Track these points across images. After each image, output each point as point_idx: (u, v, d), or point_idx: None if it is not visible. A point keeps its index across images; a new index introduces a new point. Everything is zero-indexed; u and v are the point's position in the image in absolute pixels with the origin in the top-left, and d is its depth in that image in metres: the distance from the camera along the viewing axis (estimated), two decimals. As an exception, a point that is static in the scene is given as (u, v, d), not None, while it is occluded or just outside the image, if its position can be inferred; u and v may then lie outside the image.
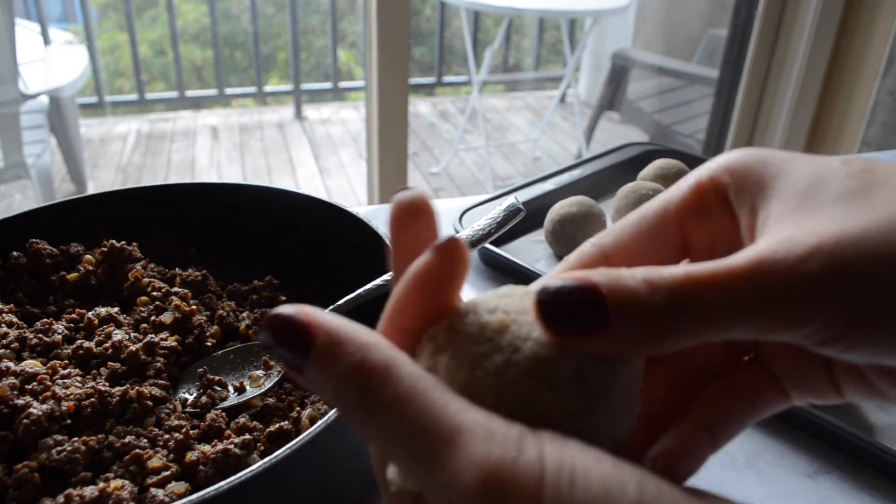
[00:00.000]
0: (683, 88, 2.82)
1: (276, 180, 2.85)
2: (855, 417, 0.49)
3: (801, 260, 0.18)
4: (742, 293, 0.18)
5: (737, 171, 0.23)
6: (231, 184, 0.57)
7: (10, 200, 2.21)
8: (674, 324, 0.18)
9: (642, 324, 0.18)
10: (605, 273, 0.19)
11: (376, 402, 0.17)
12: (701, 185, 0.23)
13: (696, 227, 0.23)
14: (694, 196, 0.23)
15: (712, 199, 0.23)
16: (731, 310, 0.18)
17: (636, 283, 0.19)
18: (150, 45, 3.45)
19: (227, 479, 0.30)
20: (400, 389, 0.17)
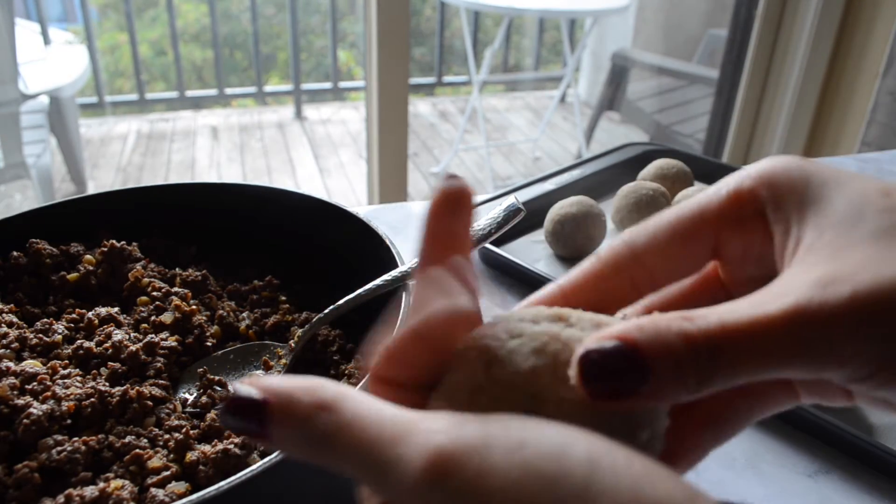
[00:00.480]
0: (683, 88, 2.82)
1: (276, 180, 2.85)
2: (855, 417, 0.49)
3: (835, 311, 0.18)
4: (778, 344, 0.19)
5: (777, 185, 0.22)
6: (231, 184, 0.57)
7: (10, 200, 2.21)
8: (711, 376, 0.19)
9: (682, 379, 0.19)
10: (643, 330, 0.19)
11: (331, 433, 0.18)
12: (740, 194, 0.23)
13: (729, 236, 0.23)
14: (731, 205, 0.23)
15: (749, 210, 0.23)
16: (768, 361, 0.19)
17: (674, 339, 0.19)
18: (150, 45, 3.45)
19: (227, 479, 0.30)
20: (349, 412, 0.18)
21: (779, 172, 0.22)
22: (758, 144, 2.16)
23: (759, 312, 0.19)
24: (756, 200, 0.23)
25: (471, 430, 0.17)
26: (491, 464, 0.16)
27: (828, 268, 0.19)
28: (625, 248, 0.24)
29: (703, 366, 0.19)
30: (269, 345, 0.48)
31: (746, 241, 0.23)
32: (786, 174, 0.22)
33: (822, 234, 0.20)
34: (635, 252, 0.24)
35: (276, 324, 0.51)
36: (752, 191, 0.23)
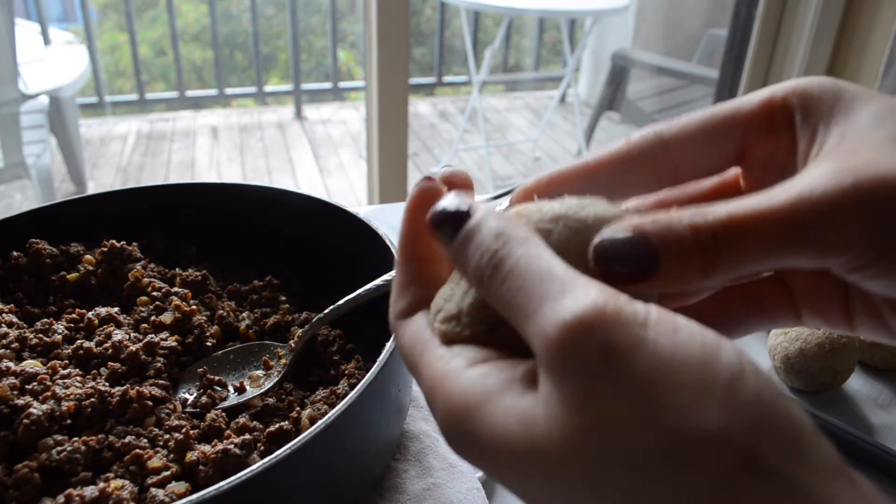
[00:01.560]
0: (683, 88, 2.82)
1: (276, 180, 2.84)
2: (855, 417, 0.49)
3: (837, 197, 0.19)
4: (780, 232, 0.19)
5: (809, 96, 0.23)
6: (231, 184, 0.57)
7: (10, 200, 2.21)
8: (717, 263, 0.20)
9: (689, 267, 0.20)
10: (655, 221, 0.20)
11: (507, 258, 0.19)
12: (773, 101, 0.24)
13: (756, 140, 0.24)
14: (763, 110, 0.24)
15: (779, 117, 0.24)
16: (771, 247, 0.20)
17: (683, 230, 0.20)
18: (150, 45, 3.45)
19: (227, 479, 0.30)
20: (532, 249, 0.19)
21: (812, 86, 0.23)
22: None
23: (765, 203, 0.20)
24: (787, 108, 0.23)
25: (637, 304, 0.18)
26: (647, 335, 0.17)
27: (837, 164, 0.20)
28: (654, 136, 0.24)
29: (709, 253, 0.20)
30: (269, 345, 0.48)
31: (773, 146, 0.24)
32: (819, 87, 0.23)
33: (842, 140, 0.21)
34: (664, 141, 0.24)
35: (276, 324, 0.51)
36: (784, 99, 0.23)
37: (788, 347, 0.51)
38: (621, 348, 0.17)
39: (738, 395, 0.16)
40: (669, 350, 0.17)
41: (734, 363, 0.17)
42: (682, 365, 0.16)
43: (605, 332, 0.17)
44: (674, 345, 0.17)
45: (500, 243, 0.20)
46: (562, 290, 0.18)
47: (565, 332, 0.17)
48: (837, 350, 0.50)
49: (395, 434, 0.45)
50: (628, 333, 0.17)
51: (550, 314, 0.18)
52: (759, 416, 0.16)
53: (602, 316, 0.17)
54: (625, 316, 0.17)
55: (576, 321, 0.17)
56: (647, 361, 0.16)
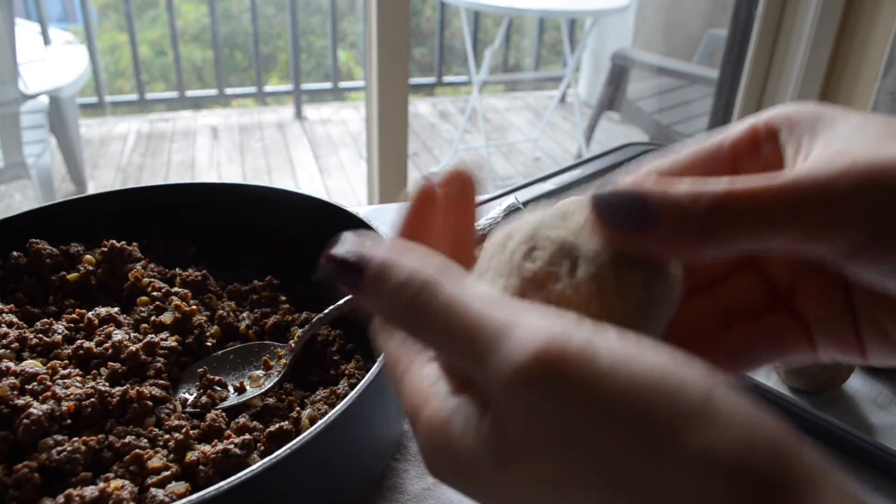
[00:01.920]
0: (683, 88, 2.82)
1: (276, 180, 2.84)
2: (855, 417, 0.49)
3: (833, 177, 0.19)
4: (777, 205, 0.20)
5: (791, 117, 0.24)
6: (231, 184, 0.57)
7: (10, 200, 2.21)
8: (713, 229, 0.20)
9: (684, 227, 0.20)
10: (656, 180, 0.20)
11: (430, 308, 0.19)
12: (756, 127, 0.24)
13: (745, 164, 0.24)
14: (748, 136, 0.24)
15: (764, 138, 0.24)
16: (766, 220, 0.20)
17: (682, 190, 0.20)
18: (150, 45, 3.45)
19: (227, 479, 0.30)
20: (446, 293, 0.19)
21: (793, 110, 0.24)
22: (758, 144, 2.16)
23: (764, 181, 0.20)
24: (771, 130, 0.24)
25: (584, 331, 0.17)
26: (604, 369, 0.16)
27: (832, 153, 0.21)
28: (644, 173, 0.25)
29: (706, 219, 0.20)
30: (269, 345, 0.48)
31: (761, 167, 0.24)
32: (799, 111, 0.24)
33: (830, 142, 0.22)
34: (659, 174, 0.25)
35: (276, 324, 0.51)
36: (767, 123, 0.24)
37: None
38: (573, 390, 0.16)
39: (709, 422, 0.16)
40: (625, 383, 0.16)
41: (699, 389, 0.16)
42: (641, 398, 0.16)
43: (555, 376, 0.16)
44: (629, 378, 0.16)
45: (414, 290, 0.19)
46: (503, 331, 0.17)
47: (515, 379, 0.17)
48: None
49: (395, 434, 0.45)
50: (580, 371, 0.16)
51: (498, 360, 0.17)
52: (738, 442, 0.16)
53: (551, 356, 0.17)
54: (574, 351, 0.17)
55: (523, 368, 0.17)
56: (601, 398, 0.16)
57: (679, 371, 0.17)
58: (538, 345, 0.17)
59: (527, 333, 0.17)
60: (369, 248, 0.20)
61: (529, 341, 0.17)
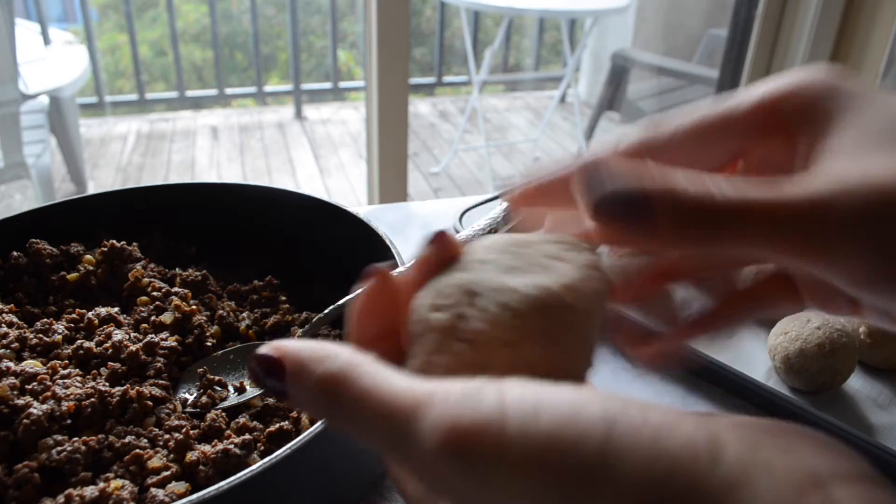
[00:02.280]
0: (683, 88, 2.82)
1: (276, 180, 2.84)
2: (855, 417, 0.49)
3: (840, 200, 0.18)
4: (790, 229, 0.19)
5: (805, 96, 0.22)
6: (231, 184, 0.57)
7: (10, 200, 2.21)
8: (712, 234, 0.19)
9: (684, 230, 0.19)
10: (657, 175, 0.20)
11: (342, 406, 0.19)
12: (766, 103, 0.22)
13: (752, 144, 0.23)
14: (756, 112, 0.22)
15: (774, 119, 0.22)
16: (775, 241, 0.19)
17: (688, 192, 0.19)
18: (150, 45, 3.45)
19: (227, 479, 0.30)
20: (355, 389, 0.18)
21: (807, 84, 0.22)
22: (758, 144, 2.16)
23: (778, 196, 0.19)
24: (782, 110, 0.22)
25: (487, 400, 0.17)
26: (509, 436, 0.16)
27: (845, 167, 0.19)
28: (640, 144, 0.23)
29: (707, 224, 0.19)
30: (269, 345, 0.48)
31: (769, 149, 0.23)
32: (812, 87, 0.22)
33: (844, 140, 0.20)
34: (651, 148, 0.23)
35: (276, 324, 0.51)
36: (778, 100, 0.22)
37: (788, 347, 0.51)
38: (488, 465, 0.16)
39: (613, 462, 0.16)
40: (536, 442, 0.16)
41: (595, 431, 0.16)
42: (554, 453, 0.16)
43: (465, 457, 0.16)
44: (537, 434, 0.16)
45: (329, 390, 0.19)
46: (413, 417, 0.17)
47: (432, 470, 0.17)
48: (837, 350, 0.50)
49: (395, 434, 0.45)
50: (492, 443, 0.16)
51: (415, 451, 0.17)
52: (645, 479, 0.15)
53: (461, 436, 0.17)
54: (481, 423, 0.16)
55: (440, 453, 0.17)
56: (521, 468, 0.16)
57: (577, 420, 0.16)
58: (443, 429, 0.17)
59: (431, 421, 0.17)
60: (287, 346, 0.20)
61: (434, 425, 0.17)
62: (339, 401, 0.19)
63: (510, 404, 0.17)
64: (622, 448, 0.16)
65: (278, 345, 0.20)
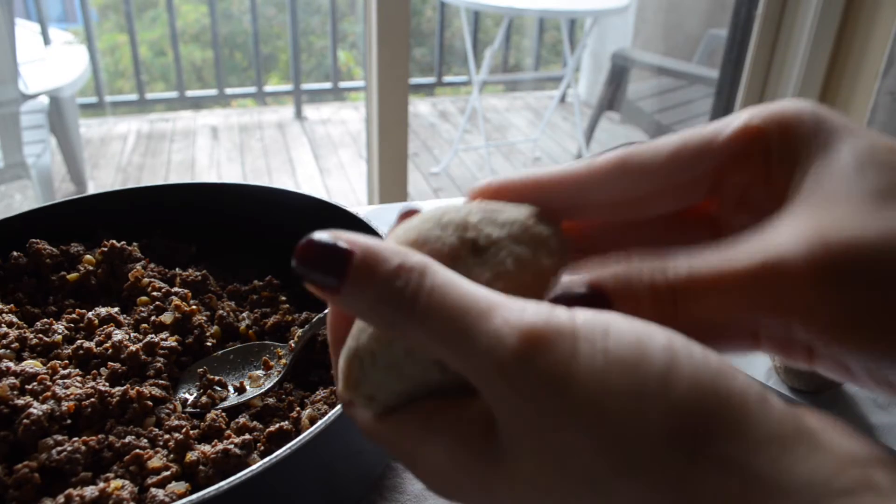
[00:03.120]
0: (683, 88, 2.82)
1: (276, 180, 2.84)
2: (855, 417, 0.49)
3: (804, 269, 0.18)
4: (741, 294, 0.19)
5: (787, 127, 0.22)
6: (231, 184, 0.57)
7: (10, 200, 2.21)
8: (675, 319, 0.20)
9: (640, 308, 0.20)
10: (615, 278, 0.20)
11: (416, 301, 0.18)
12: (749, 130, 0.22)
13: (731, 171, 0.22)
14: (739, 138, 0.22)
15: (756, 148, 0.22)
16: (728, 308, 0.20)
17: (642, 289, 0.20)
18: (150, 45, 3.45)
19: (227, 479, 0.30)
20: (439, 278, 0.19)
21: (790, 115, 0.22)
22: (758, 144, 2.16)
23: (728, 264, 0.19)
24: (764, 139, 0.22)
25: (562, 314, 0.18)
26: (578, 348, 0.17)
27: (809, 222, 0.19)
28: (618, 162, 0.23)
29: (667, 309, 0.20)
30: (269, 345, 0.48)
31: (748, 178, 0.22)
32: (797, 118, 0.22)
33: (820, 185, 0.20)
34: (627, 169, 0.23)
35: (276, 324, 0.51)
36: (761, 129, 0.22)
37: None
38: (558, 372, 0.17)
39: (672, 390, 0.17)
40: (602, 360, 0.17)
41: (662, 357, 0.17)
42: (616, 373, 0.17)
43: (540, 359, 0.17)
44: (605, 352, 0.17)
45: (405, 279, 0.19)
46: (487, 316, 0.18)
47: (502, 367, 0.18)
48: None
49: (395, 434, 0.45)
50: (562, 351, 0.17)
51: (485, 347, 0.18)
52: (698, 407, 0.17)
53: (535, 340, 0.17)
54: (555, 332, 0.17)
55: (511, 353, 0.17)
56: (585, 379, 0.17)
57: (643, 344, 0.17)
58: (521, 330, 0.18)
59: (505, 321, 0.18)
60: (347, 235, 0.20)
61: (510, 327, 0.18)
62: (415, 296, 0.18)
63: (582, 322, 0.18)
64: (682, 376, 0.17)
65: (342, 234, 0.20)
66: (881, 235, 0.18)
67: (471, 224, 0.22)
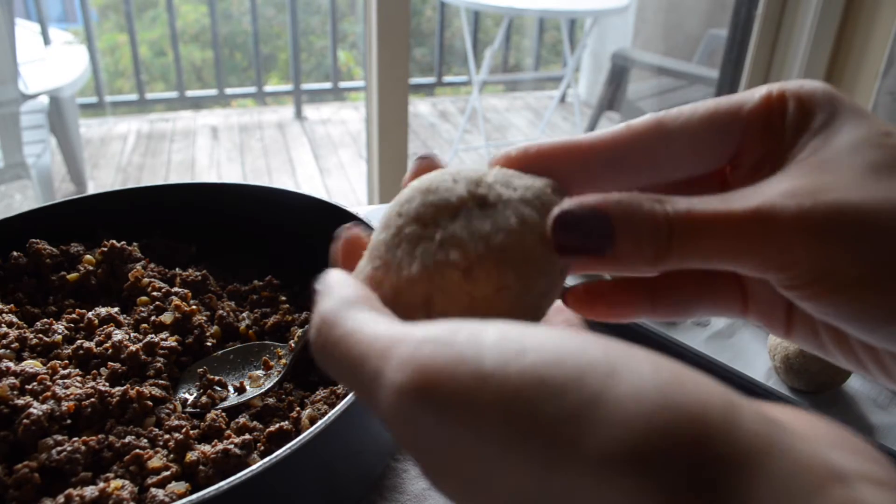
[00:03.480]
0: (683, 88, 2.82)
1: (276, 180, 2.84)
2: (855, 417, 0.49)
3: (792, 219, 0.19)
4: (731, 236, 0.20)
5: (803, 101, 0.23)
6: (231, 184, 0.57)
7: (10, 200, 2.21)
8: (668, 253, 0.20)
9: (641, 251, 0.20)
10: (619, 202, 0.20)
11: (330, 344, 0.19)
12: (771, 98, 0.23)
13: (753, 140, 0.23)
14: (762, 106, 0.23)
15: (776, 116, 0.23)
16: (720, 248, 0.20)
17: (642, 215, 0.20)
18: (150, 45, 3.45)
19: (227, 479, 0.30)
20: (341, 329, 0.19)
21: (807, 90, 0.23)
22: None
23: (724, 207, 0.20)
24: (783, 110, 0.23)
25: (462, 337, 0.16)
26: (485, 373, 0.15)
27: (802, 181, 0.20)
28: (656, 123, 0.23)
29: (662, 242, 0.20)
30: (269, 345, 0.48)
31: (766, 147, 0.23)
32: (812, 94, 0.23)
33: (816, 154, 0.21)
34: (666, 130, 0.23)
35: (276, 324, 0.51)
36: (781, 99, 0.23)
37: (788, 347, 0.51)
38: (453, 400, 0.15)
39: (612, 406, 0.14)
40: (518, 381, 0.15)
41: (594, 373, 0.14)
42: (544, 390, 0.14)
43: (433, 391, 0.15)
44: (521, 373, 0.15)
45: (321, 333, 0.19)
46: (385, 358, 0.17)
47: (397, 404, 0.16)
48: None
49: (395, 434, 0.45)
50: (459, 378, 0.15)
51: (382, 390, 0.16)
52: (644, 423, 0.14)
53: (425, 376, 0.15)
54: (453, 361, 0.15)
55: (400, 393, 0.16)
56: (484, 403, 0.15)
57: (573, 360, 0.15)
58: (410, 368, 0.16)
59: (399, 360, 0.16)
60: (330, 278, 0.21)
61: (402, 366, 0.16)
62: (326, 342, 0.19)
63: (489, 341, 0.15)
64: (623, 393, 0.14)
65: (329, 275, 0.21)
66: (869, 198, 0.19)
67: (484, 182, 0.22)
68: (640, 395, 0.14)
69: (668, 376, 0.15)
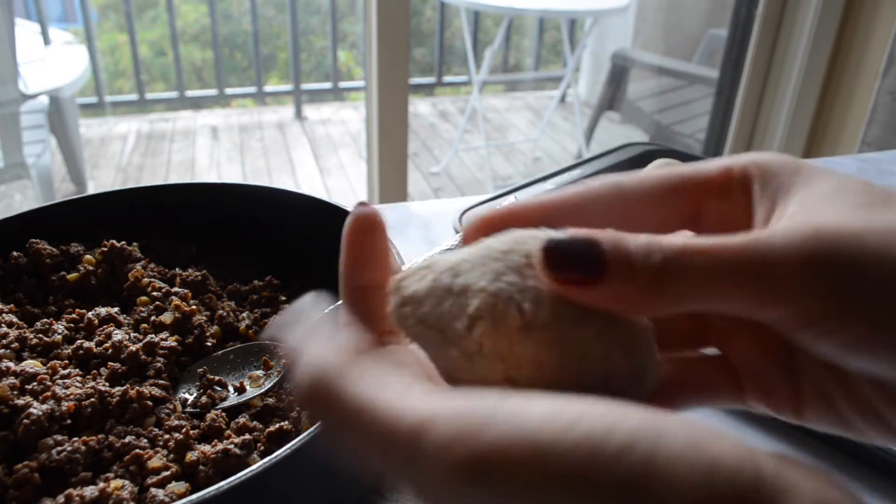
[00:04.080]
0: (683, 88, 2.82)
1: (276, 180, 2.84)
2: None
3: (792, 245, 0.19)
4: (731, 267, 0.19)
5: (768, 168, 0.23)
6: (231, 184, 0.57)
7: (10, 200, 2.21)
8: (663, 285, 0.19)
9: (634, 280, 0.19)
10: (610, 233, 0.20)
11: (335, 425, 0.18)
12: (731, 168, 0.23)
13: (712, 203, 0.24)
14: (721, 176, 0.23)
15: (736, 183, 0.23)
16: (719, 281, 0.19)
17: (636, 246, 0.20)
18: (150, 45, 3.45)
19: (227, 479, 0.30)
20: (349, 405, 0.18)
21: (770, 159, 0.23)
22: (758, 144, 2.16)
23: (721, 241, 0.19)
24: (745, 177, 0.23)
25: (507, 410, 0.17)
26: (542, 447, 0.16)
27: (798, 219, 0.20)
28: (613, 185, 0.24)
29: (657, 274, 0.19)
30: (269, 345, 0.48)
31: (728, 210, 0.23)
32: (777, 162, 0.23)
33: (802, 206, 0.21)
34: (623, 190, 0.24)
35: (276, 324, 0.51)
36: (743, 168, 0.23)
37: None
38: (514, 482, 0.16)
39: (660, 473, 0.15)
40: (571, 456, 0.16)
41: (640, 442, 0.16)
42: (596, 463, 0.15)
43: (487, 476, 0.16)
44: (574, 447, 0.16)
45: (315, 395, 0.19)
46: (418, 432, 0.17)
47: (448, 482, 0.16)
48: None
49: (395, 434, 0.45)
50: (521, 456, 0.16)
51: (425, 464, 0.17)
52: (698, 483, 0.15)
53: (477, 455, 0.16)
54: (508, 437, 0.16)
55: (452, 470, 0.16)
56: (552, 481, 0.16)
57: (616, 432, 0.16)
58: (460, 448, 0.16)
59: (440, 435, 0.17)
60: None
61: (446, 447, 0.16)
62: (330, 420, 0.18)
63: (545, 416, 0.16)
64: (670, 458, 0.15)
65: None
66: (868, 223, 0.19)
67: None
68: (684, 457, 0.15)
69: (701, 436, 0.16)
